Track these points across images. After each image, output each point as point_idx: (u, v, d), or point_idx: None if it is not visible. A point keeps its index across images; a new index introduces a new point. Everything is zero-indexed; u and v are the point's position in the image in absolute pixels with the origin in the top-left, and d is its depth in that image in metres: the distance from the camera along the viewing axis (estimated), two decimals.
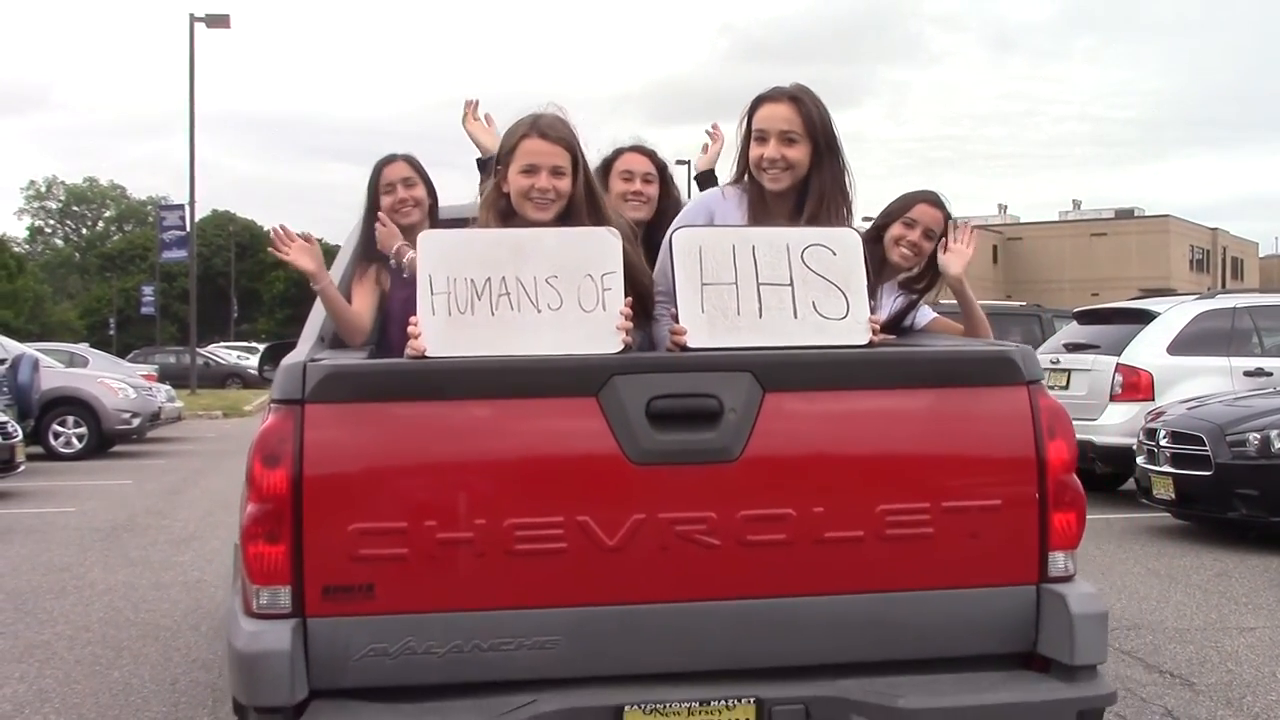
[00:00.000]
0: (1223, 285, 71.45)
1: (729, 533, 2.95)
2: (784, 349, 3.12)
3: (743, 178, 3.75)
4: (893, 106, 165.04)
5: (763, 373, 3.00)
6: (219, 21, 32.08)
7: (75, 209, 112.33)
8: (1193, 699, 5.29)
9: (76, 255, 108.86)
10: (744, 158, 3.71)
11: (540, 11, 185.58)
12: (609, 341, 3.06)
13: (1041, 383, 3.23)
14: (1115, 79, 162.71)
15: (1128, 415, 11.14)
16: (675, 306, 3.19)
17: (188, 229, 36.72)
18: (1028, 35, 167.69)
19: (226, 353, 47.66)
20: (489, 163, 4.11)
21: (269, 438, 2.87)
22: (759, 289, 3.18)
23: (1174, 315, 11.86)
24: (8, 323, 54.06)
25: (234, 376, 42.42)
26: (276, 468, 2.84)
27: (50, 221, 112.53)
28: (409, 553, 2.86)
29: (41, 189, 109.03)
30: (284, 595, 2.85)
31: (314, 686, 2.84)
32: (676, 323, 3.17)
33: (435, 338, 3.03)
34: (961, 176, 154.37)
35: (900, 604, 3.05)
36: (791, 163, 3.61)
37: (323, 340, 3.96)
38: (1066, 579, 3.16)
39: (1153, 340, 11.64)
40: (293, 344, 4.11)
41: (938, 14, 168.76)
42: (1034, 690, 3.05)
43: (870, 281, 3.34)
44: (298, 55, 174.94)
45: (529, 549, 2.90)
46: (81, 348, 26.45)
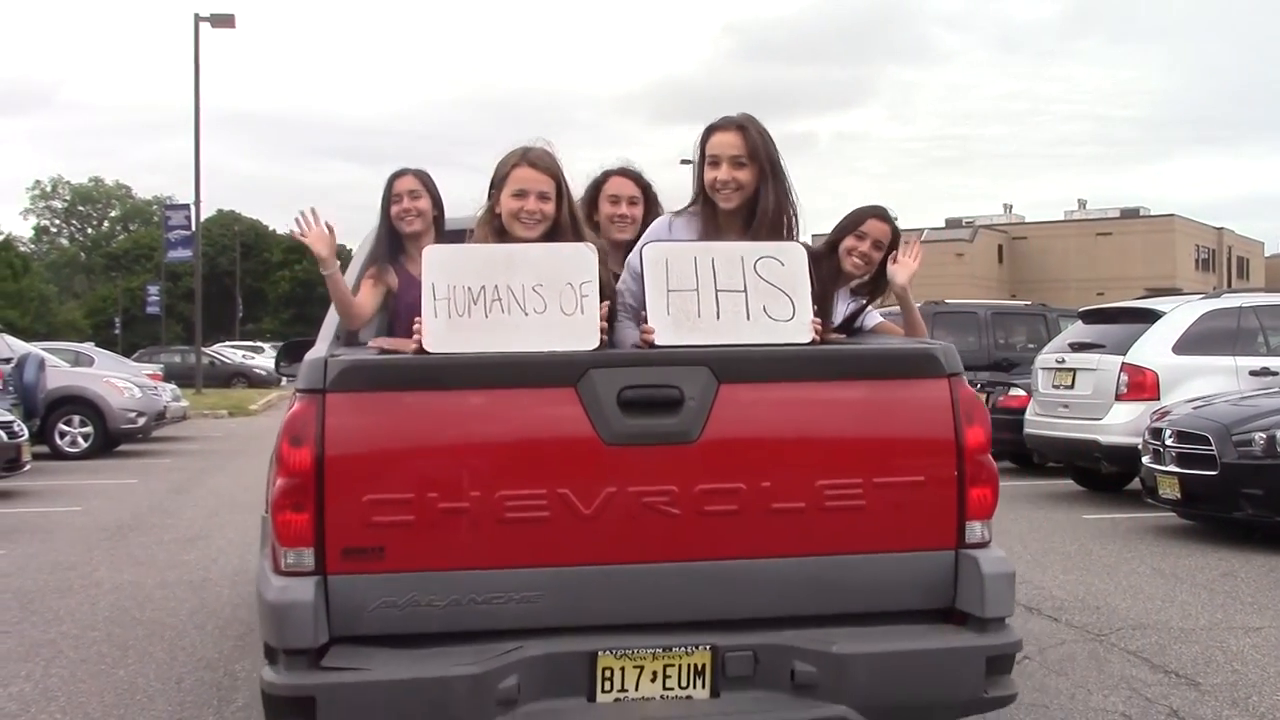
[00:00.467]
0: (1228, 285, 71.34)
1: (688, 504, 3.41)
2: (737, 346, 3.57)
3: (698, 199, 4.14)
4: (898, 106, 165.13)
5: (718, 366, 3.47)
6: (224, 21, 32.07)
7: (81, 209, 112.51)
8: (1198, 699, 5.28)
9: (82, 255, 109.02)
10: (699, 180, 4.09)
11: (544, 11, 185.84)
12: (587, 340, 3.50)
13: (961, 376, 3.68)
14: (1121, 78, 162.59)
15: (1133, 415, 11.12)
16: (644, 311, 3.63)
17: (193, 228, 36.69)
18: (1033, 35, 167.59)
19: (232, 352, 47.71)
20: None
21: (295, 422, 3.34)
22: (717, 295, 3.64)
23: (1179, 315, 11.85)
24: (13, 322, 54.16)
25: (239, 376, 42.46)
26: (301, 447, 3.31)
27: (56, 221, 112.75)
28: (414, 520, 3.32)
29: (47, 189, 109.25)
30: (308, 556, 3.31)
31: (333, 633, 3.30)
32: (645, 324, 3.61)
33: (437, 336, 3.47)
34: (967, 176, 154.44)
35: (836, 566, 3.53)
36: (741, 184, 4.01)
37: (339, 338, 4.45)
38: (982, 545, 3.64)
39: (1158, 340, 11.62)
40: (308, 342, 4.63)
41: (942, 14, 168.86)
42: (950, 639, 3.54)
43: (823, 288, 3.92)
44: (303, 55, 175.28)
45: (517, 517, 3.36)
46: (87, 347, 26.43)
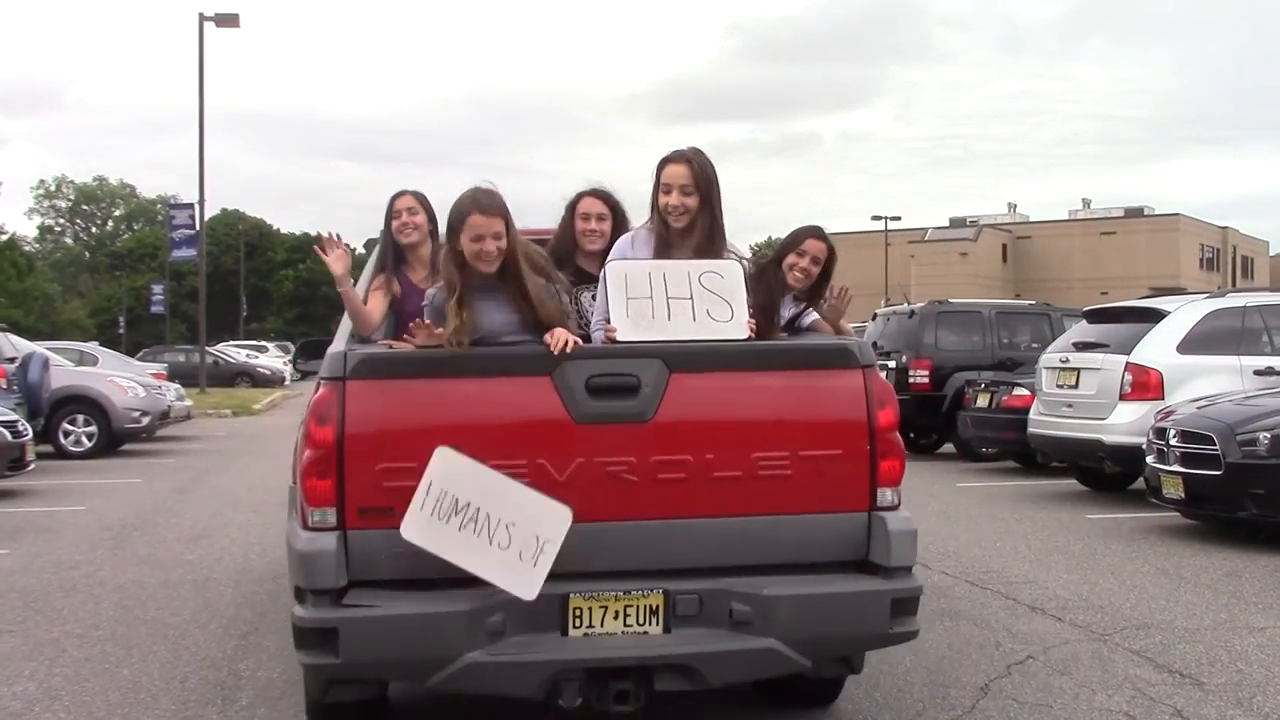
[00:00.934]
0: (1233, 284, 71.25)
1: (644, 472, 4.13)
2: (685, 342, 4.31)
3: (653, 216, 4.88)
4: (902, 106, 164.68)
5: (669, 359, 4.22)
6: (228, 21, 32.16)
7: (85, 208, 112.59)
8: (1202, 699, 5.28)
9: (86, 254, 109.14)
10: (655, 203, 4.85)
11: (548, 10, 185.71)
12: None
13: (874, 367, 4.40)
14: (1125, 78, 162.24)
15: (1137, 414, 11.10)
16: (609, 314, 4.40)
17: (197, 228, 36.73)
18: (1037, 34, 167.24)
19: (236, 351, 47.72)
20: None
21: (320, 405, 4.05)
22: (668, 301, 4.40)
23: (1184, 314, 11.82)
24: (18, 321, 54.08)
25: (243, 375, 42.45)
26: (326, 425, 4.01)
27: (60, 220, 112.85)
28: (419, 484, 3.94)
29: (51, 188, 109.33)
30: (330, 514, 4.00)
31: (351, 578, 3.99)
32: (608, 322, 4.39)
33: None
34: (971, 175, 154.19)
35: (768, 524, 4.23)
36: (689, 208, 4.77)
37: (353, 337, 5.05)
38: (892, 508, 4.30)
39: (1162, 339, 11.60)
40: (324, 341, 5.24)
41: (946, 13, 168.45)
42: (861, 584, 4.24)
43: (770, 296, 4.87)
44: (307, 54, 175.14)
45: None
46: (91, 346, 26.47)
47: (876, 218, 63.96)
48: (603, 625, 4.07)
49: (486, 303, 4.28)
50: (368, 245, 6.51)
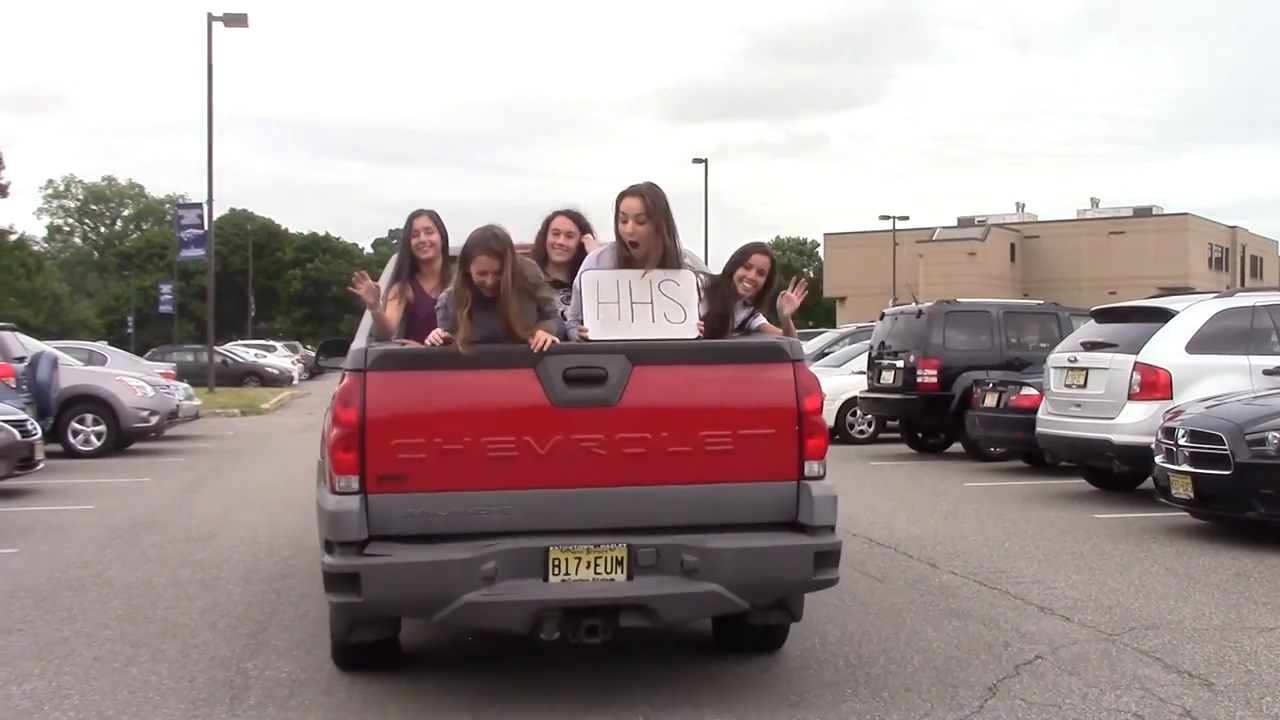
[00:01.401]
0: (1242, 283, 70.98)
1: (611, 448, 5.03)
2: (645, 340, 5.21)
3: (617, 238, 5.61)
4: (910, 105, 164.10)
5: (632, 354, 5.10)
6: (237, 21, 32.16)
7: (94, 208, 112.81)
8: (1211, 699, 5.27)
9: (95, 254, 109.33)
10: (616, 230, 5.56)
11: (557, 12, 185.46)
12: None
13: (803, 362, 5.29)
14: (1133, 77, 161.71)
15: (1146, 414, 11.08)
16: (582, 316, 5.32)
17: (205, 228, 36.81)
18: (1045, 34, 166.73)
19: (244, 351, 47.73)
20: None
21: (346, 392, 4.97)
22: (632, 305, 5.30)
23: (1193, 314, 11.79)
24: (26, 321, 54.30)
25: (251, 375, 42.51)
26: (350, 408, 4.92)
27: (69, 220, 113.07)
28: (426, 457, 4.93)
29: (60, 188, 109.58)
30: (354, 481, 4.91)
31: (371, 533, 4.89)
32: (581, 324, 5.33)
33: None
34: (979, 175, 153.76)
35: (713, 491, 5.13)
36: (641, 236, 5.47)
37: (371, 336, 5.94)
38: (817, 478, 5.19)
39: (1171, 339, 11.56)
40: (344, 340, 6.31)
41: (955, 13, 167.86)
42: (789, 539, 5.12)
43: (725, 303, 5.86)
44: (316, 54, 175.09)
45: (495, 455, 4.97)
46: (100, 346, 26.46)
47: (884, 217, 63.90)
48: (577, 573, 4.91)
49: (484, 314, 5.17)
50: (376, 245, 6.86)
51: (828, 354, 23.15)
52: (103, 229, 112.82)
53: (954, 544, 9.25)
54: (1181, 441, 9.40)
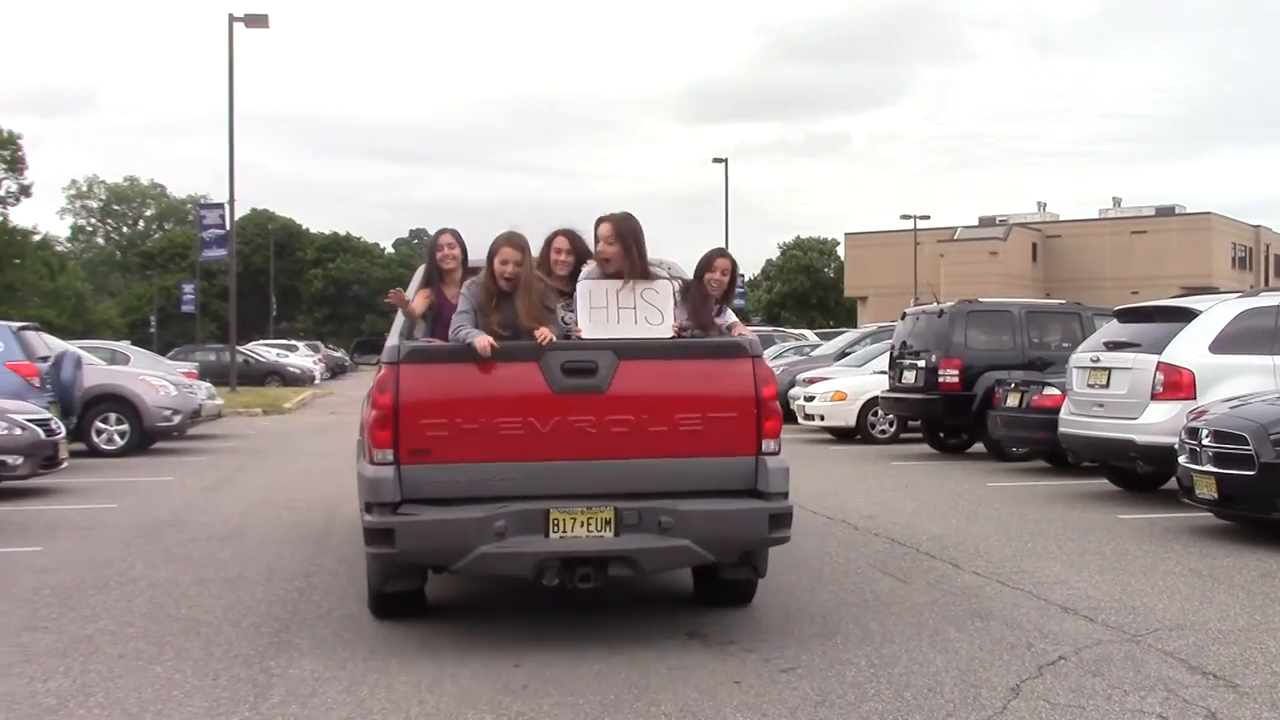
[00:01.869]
0: (1265, 283, 70.51)
1: (602, 427, 6.09)
2: (630, 339, 6.29)
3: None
4: (932, 105, 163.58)
5: (619, 350, 6.19)
6: (258, 21, 32.27)
7: (116, 208, 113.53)
8: (1236, 701, 5.24)
9: (117, 254, 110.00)
10: (594, 249, 6.74)
11: (576, 12, 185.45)
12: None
13: (761, 358, 6.36)
14: (1156, 76, 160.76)
15: (1169, 414, 11.00)
16: (578, 319, 6.42)
17: (227, 227, 36.91)
18: (1068, 33, 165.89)
19: (266, 350, 47.94)
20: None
21: (383, 380, 6.04)
22: (618, 309, 6.42)
23: (1216, 313, 11.70)
24: (50, 321, 54.60)
25: (273, 374, 42.67)
26: (386, 394, 5.98)
27: (92, 220, 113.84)
28: (448, 434, 6.00)
29: (83, 188, 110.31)
30: (389, 454, 5.98)
31: (403, 496, 5.93)
32: (576, 325, 6.42)
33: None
34: (1001, 173, 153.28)
35: (686, 464, 6.16)
36: (611, 254, 6.60)
37: (402, 334, 6.82)
38: (773, 454, 6.23)
39: (1194, 338, 11.48)
40: (376, 339, 7.52)
41: (977, 12, 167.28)
42: (748, 504, 6.14)
43: (698, 303, 6.83)
44: (336, 54, 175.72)
45: (505, 433, 6.04)
46: (123, 345, 26.58)
47: (905, 217, 63.80)
48: (572, 531, 5.94)
49: (504, 303, 6.37)
50: (396, 245, 7.42)
51: (849, 354, 23.12)
52: (125, 229, 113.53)
53: (976, 544, 9.22)
54: (1205, 442, 9.35)
